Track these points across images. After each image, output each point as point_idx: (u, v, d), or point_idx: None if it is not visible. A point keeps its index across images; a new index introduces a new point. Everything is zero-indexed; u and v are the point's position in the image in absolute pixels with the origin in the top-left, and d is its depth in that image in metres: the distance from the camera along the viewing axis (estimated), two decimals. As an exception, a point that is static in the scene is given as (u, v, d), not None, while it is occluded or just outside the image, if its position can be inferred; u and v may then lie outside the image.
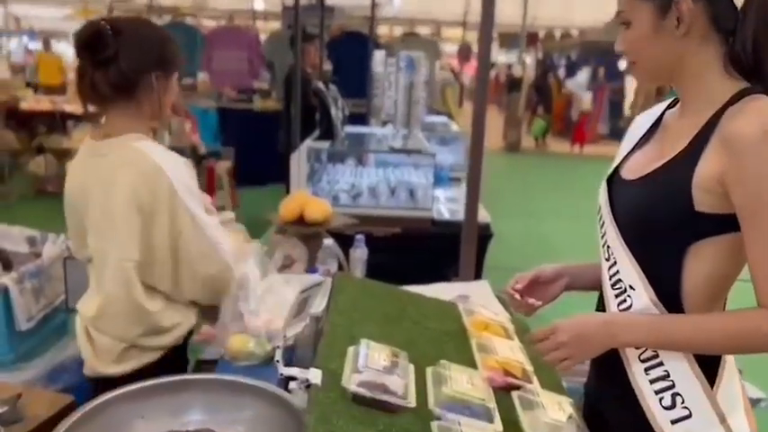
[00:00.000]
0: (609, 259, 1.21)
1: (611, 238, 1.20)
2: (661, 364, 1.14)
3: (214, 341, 1.64)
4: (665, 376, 1.13)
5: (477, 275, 3.03)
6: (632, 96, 13.40)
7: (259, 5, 13.06)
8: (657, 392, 1.14)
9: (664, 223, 1.11)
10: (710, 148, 1.06)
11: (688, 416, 1.12)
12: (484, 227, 3.35)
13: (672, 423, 1.12)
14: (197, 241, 1.54)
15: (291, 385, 1.21)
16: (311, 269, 2.23)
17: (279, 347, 1.36)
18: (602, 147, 11.80)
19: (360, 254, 2.30)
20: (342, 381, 1.19)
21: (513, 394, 1.31)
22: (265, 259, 1.90)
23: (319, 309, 1.53)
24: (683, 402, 1.12)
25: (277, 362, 1.30)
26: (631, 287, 1.16)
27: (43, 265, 2.34)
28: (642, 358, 1.16)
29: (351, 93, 6.77)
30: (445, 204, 3.83)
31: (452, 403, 1.21)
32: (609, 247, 1.21)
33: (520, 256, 5.15)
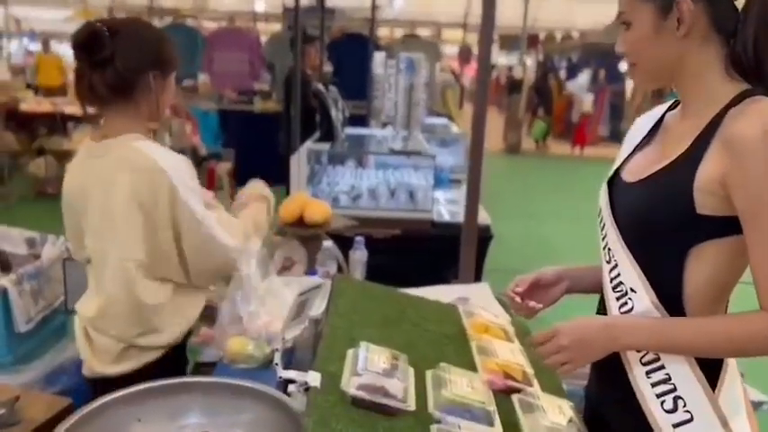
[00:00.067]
0: (610, 262, 1.20)
1: (611, 240, 1.19)
2: (662, 367, 1.13)
3: (212, 343, 1.63)
4: (666, 379, 1.13)
5: (477, 277, 3.03)
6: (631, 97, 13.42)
7: (260, 7, 13.08)
8: (659, 396, 1.13)
9: (665, 225, 1.10)
10: (712, 150, 1.06)
11: (690, 419, 1.11)
12: (484, 229, 3.34)
13: (673, 427, 1.12)
14: (200, 237, 1.55)
15: (290, 388, 1.21)
16: (311, 271, 2.22)
17: (278, 350, 1.36)
18: (603, 149, 11.80)
19: (359, 256, 2.29)
20: (341, 384, 1.18)
21: (514, 397, 1.30)
22: (265, 261, 1.89)
23: (319, 311, 1.53)
24: (684, 406, 1.11)
25: (276, 365, 1.29)
26: (632, 290, 1.16)
27: (42, 266, 2.33)
28: (643, 361, 1.15)
29: (351, 94, 6.76)
30: (445, 206, 3.82)
31: (452, 406, 1.21)
32: (610, 249, 1.20)
33: (520, 257, 5.13)
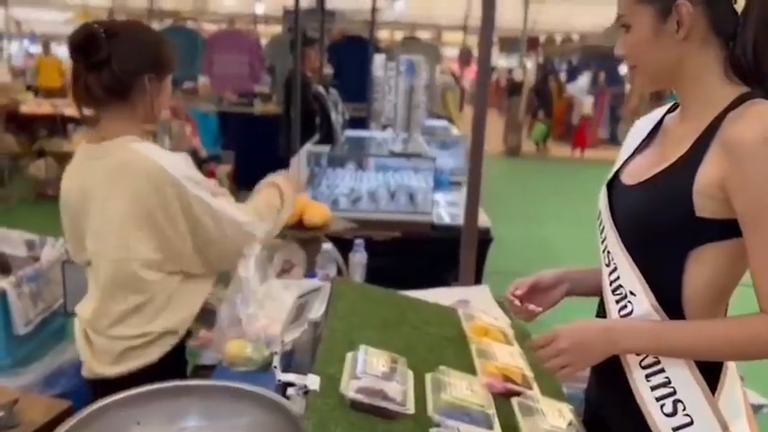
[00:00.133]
0: (609, 265, 1.20)
1: (611, 243, 1.19)
2: (662, 370, 1.13)
3: (211, 345, 1.63)
4: (666, 383, 1.13)
5: (477, 280, 3.03)
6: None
7: (260, 9, 13.09)
8: (659, 399, 1.13)
9: (664, 228, 1.10)
10: (711, 152, 1.06)
11: (690, 423, 1.11)
12: (484, 231, 3.34)
13: (673, 430, 1.11)
14: (215, 224, 1.58)
15: (289, 391, 1.20)
16: (310, 274, 2.22)
17: (276, 353, 1.35)
18: (603, 151, 11.78)
19: (359, 258, 2.28)
20: (340, 387, 1.18)
21: (513, 401, 1.30)
22: (264, 264, 1.89)
23: (318, 314, 1.52)
24: (684, 409, 1.11)
25: (275, 368, 1.29)
26: (632, 293, 1.15)
27: (42, 268, 2.34)
28: (643, 365, 1.15)
29: (351, 97, 6.77)
30: (445, 208, 3.82)
31: (451, 410, 1.20)
32: (609, 252, 1.20)
33: (520, 260, 5.13)
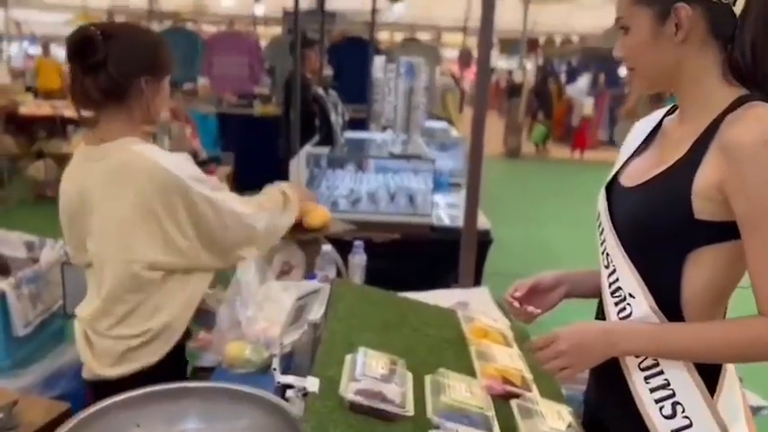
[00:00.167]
0: (608, 267, 1.20)
1: (610, 245, 1.19)
2: (661, 372, 1.13)
3: (210, 347, 1.63)
4: (665, 385, 1.13)
5: (476, 281, 3.03)
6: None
7: (259, 10, 13.07)
8: (658, 401, 1.13)
9: (663, 231, 1.10)
10: (710, 155, 1.06)
11: (689, 425, 1.11)
12: (483, 233, 3.34)
13: (672, 432, 1.12)
14: (216, 215, 1.60)
15: (288, 393, 1.20)
16: (309, 275, 2.22)
17: (276, 355, 1.35)
18: (603, 153, 11.77)
19: (358, 260, 2.28)
20: (339, 389, 1.18)
21: (512, 403, 1.30)
22: (264, 266, 1.89)
23: (317, 316, 1.52)
24: (683, 412, 1.11)
25: (274, 370, 1.29)
26: (631, 295, 1.15)
27: (41, 270, 2.34)
28: (642, 367, 1.15)
29: (351, 98, 6.77)
30: (445, 210, 3.82)
31: (451, 412, 1.20)
32: (608, 254, 1.20)
33: (520, 262, 5.13)
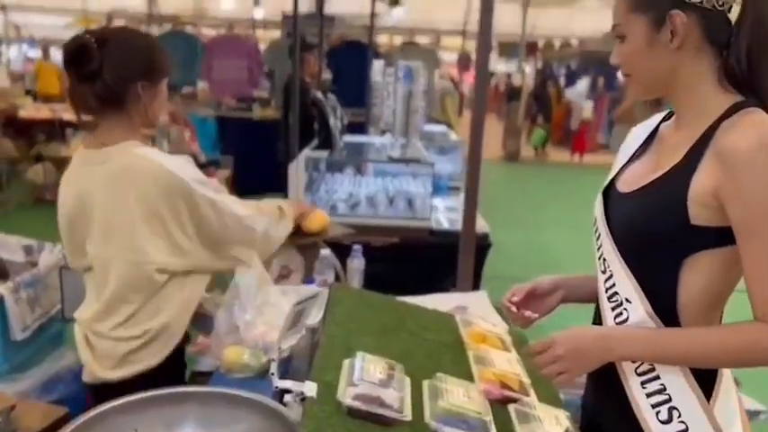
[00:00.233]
0: (605, 272, 1.21)
1: (606, 251, 1.20)
2: (657, 377, 1.13)
3: (209, 352, 1.63)
4: (661, 390, 1.13)
5: (475, 285, 3.03)
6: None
7: (259, 14, 13.08)
8: (654, 406, 1.13)
9: (659, 236, 1.10)
10: (705, 161, 1.06)
11: (685, 430, 1.11)
12: (482, 237, 3.35)
13: (668, 437, 1.12)
14: (217, 217, 1.62)
15: (286, 398, 1.21)
16: (308, 280, 2.22)
17: (274, 360, 1.35)
18: (602, 156, 11.78)
19: (357, 264, 2.29)
20: (337, 394, 1.18)
21: (510, 407, 1.30)
22: (262, 270, 1.89)
23: (316, 320, 1.52)
24: (679, 416, 1.11)
25: (272, 374, 1.29)
26: (627, 300, 1.16)
27: (39, 274, 2.33)
28: (639, 372, 1.15)
29: (350, 102, 6.77)
30: (444, 214, 3.82)
31: (448, 417, 1.20)
32: (605, 259, 1.20)
33: (520, 265, 5.14)
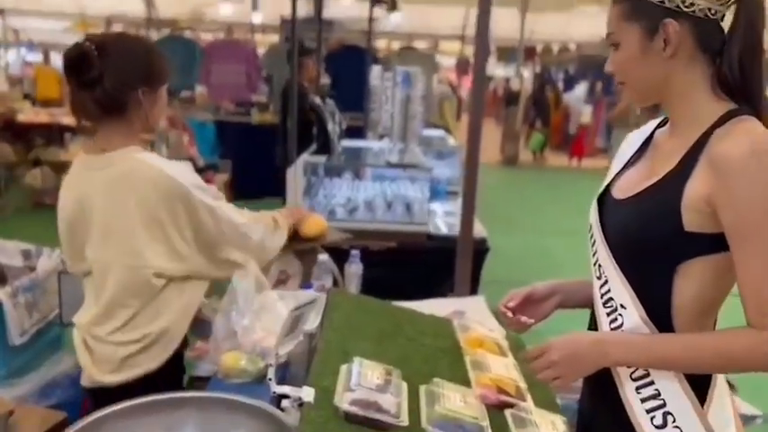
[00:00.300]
0: (600, 278, 1.21)
1: (602, 257, 1.20)
2: (652, 382, 1.14)
3: (207, 357, 1.63)
4: (656, 395, 1.14)
5: (473, 290, 3.03)
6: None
7: (257, 19, 13.10)
8: (649, 411, 1.14)
9: (654, 243, 1.11)
10: (699, 168, 1.07)
11: (680, 435, 1.12)
12: (480, 241, 3.35)
13: (663, 442, 1.12)
14: (215, 223, 1.63)
15: (284, 403, 1.21)
16: (306, 285, 2.22)
17: (271, 365, 1.36)
18: (600, 160, 11.79)
19: (355, 269, 2.29)
20: (334, 399, 1.19)
21: (507, 412, 1.31)
22: (260, 275, 1.90)
23: (313, 325, 1.53)
24: (674, 421, 1.12)
25: (269, 380, 1.30)
26: (622, 306, 1.16)
27: (38, 278, 2.34)
28: (634, 377, 1.16)
29: (349, 106, 6.78)
30: (442, 218, 3.82)
31: (445, 422, 1.21)
32: (600, 265, 1.21)
33: (518, 270, 5.14)
